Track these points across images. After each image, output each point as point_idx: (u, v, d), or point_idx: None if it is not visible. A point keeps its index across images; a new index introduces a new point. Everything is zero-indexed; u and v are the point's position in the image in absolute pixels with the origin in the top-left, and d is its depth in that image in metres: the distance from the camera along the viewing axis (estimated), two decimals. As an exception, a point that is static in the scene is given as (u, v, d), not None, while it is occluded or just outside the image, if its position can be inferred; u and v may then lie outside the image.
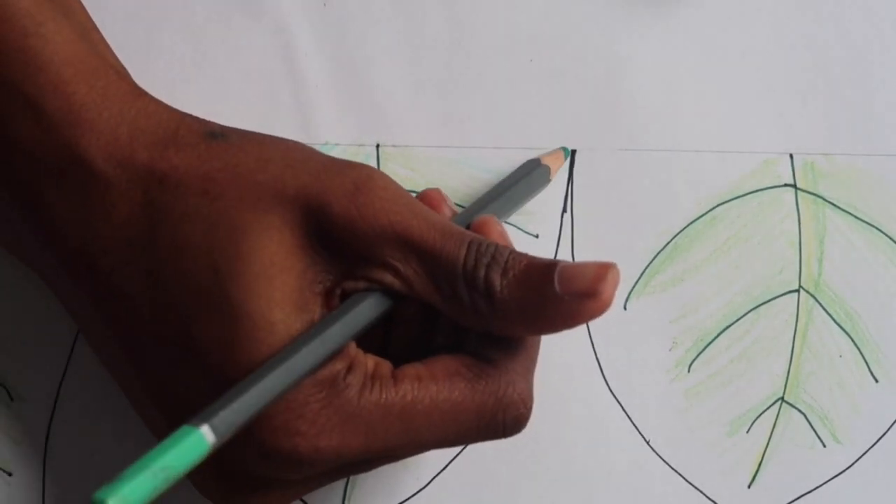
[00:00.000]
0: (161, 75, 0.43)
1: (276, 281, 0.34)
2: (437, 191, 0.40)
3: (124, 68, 0.39)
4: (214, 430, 0.30)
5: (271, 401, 0.32)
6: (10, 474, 0.43)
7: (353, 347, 0.35)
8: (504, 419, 0.36)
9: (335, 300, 0.35)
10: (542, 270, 0.34)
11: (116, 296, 0.36)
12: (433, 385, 0.35)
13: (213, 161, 0.36)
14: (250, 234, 0.34)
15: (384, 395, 0.34)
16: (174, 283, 0.35)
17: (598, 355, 0.44)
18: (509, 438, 0.43)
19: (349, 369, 0.34)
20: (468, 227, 0.38)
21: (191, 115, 0.37)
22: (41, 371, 0.42)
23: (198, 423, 0.30)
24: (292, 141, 0.38)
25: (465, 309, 0.35)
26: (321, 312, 0.34)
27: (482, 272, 0.34)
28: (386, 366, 0.35)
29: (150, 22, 0.43)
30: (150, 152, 0.36)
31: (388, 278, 0.35)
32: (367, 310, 0.35)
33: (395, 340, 0.38)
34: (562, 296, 0.34)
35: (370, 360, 0.35)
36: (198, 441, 0.30)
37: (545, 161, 0.43)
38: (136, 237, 0.35)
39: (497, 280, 0.34)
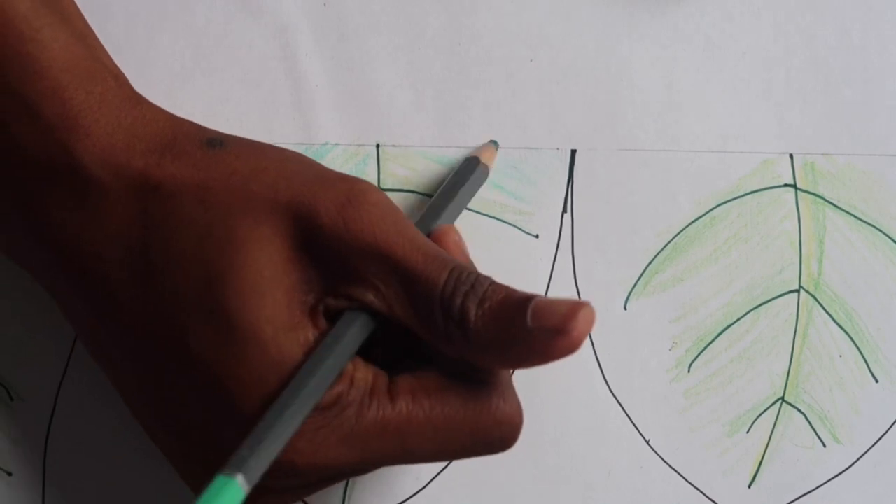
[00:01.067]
0: (161, 75, 0.43)
1: (267, 296, 0.34)
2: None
3: (122, 74, 0.39)
4: (248, 478, 0.31)
5: (290, 438, 0.33)
6: (10, 474, 0.43)
7: (350, 365, 0.35)
8: (500, 435, 0.36)
9: (319, 317, 0.35)
10: (518, 304, 0.34)
11: (111, 303, 0.36)
12: (426, 400, 0.35)
13: (209, 169, 0.35)
14: (241, 247, 0.34)
15: (381, 413, 0.34)
16: (169, 293, 0.35)
17: (598, 355, 0.44)
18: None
19: (348, 389, 0.34)
20: (428, 237, 0.38)
21: (189, 122, 0.37)
22: (41, 371, 0.42)
23: (232, 473, 0.31)
24: (291, 151, 0.38)
25: (439, 335, 0.35)
26: (309, 329, 0.34)
27: (459, 300, 0.34)
28: (382, 379, 0.35)
29: (150, 22, 0.43)
30: (146, 159, 0.36)
31: (369, 297, 0.35)
32: (360, 331, 0.35)
33: (385, 344, 0.37)
34: (533, 330, 0.33)
35: (368, 375, 0.35)
36: (235, 491, 0.31)
37: (482, 158, 0.42)
38: (130, 245, 0.35)
39: (473, 309, 0.34)
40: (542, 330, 0.33)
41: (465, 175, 0.42)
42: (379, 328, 0.35)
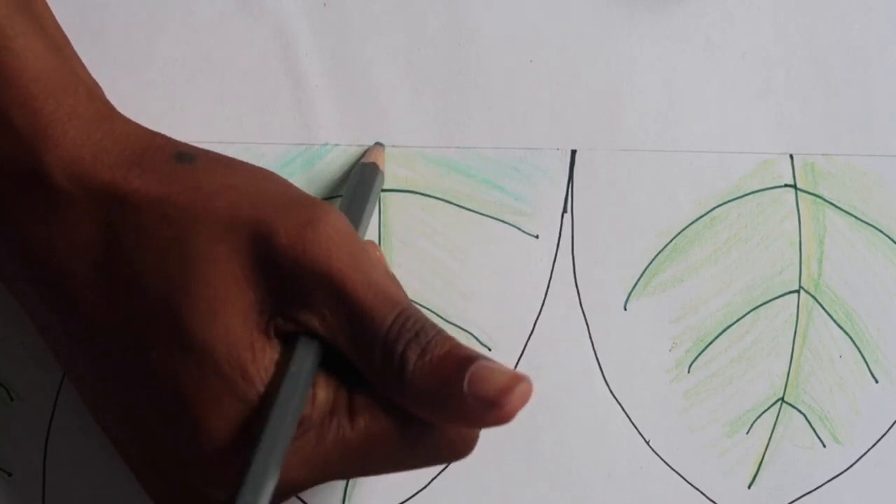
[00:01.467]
0: (161, 75, 0.43)
1: (221, 314, 0.34)
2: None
3: (97, 86, 0.39)
4: None
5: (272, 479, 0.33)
6: (9, 474, 0.42)
7: (311, 389, 0.35)
8: (457, 447, 0.36)
9: (272, 336, 0.35)
10: (458, 364, 0.33)
11: (76, 316, 0.35)
12: (385, 417, 0.35)
13: (175, 184, 0.35)
14: (199, 264, 0.34)
15: (341, 432, 0.34)
16: (130, 308, 0.35)
17: (598, 355, 0.44)
18: (509, 438, 0.43)
19: (311, 412, 0.34)
20: None
21: (162, 136, 0.37)
22: (41, 371, 0.42)
23: None
24: (262, 169, 0.37)
25: (376, 374, 0.34)
26: (264, 347, 0.34)
27: (400, 346, 0.34)
28: (342, 397, 0.35)
29: (151, 22, 0.43)
30: (113, 173, 0.35)
31: (315, 323, 0.34)
32: (317, 356, 0.35)
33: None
34: (468, 396, 0.33)
35: (329, 393, 0.35)
36: None
37: (377, 162, 0.42)
38: (96, 258, 0.35)
39: (412, 359, 0.34)
40: (476, 398, 0.33)
41: (369, 183, 0.41)
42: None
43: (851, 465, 0.45)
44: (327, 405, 0.35)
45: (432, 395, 0.33)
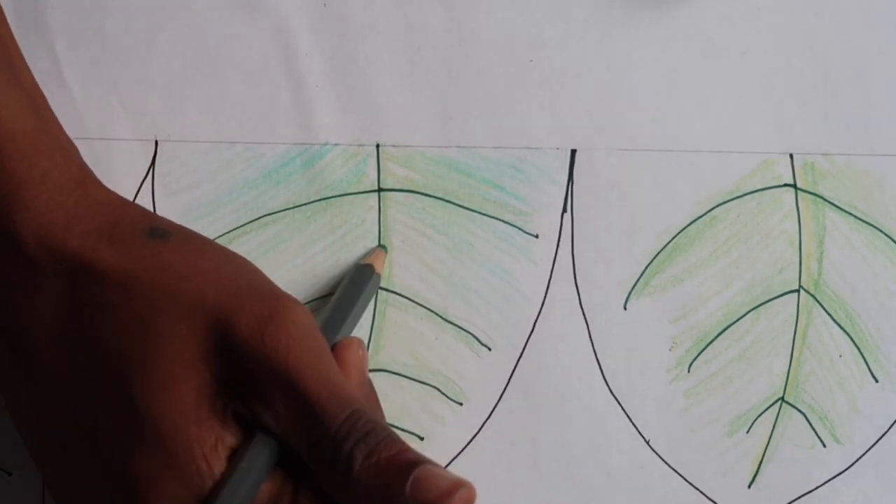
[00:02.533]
0: (161, 75, 0.43)
1: (173, 392, 0.34)
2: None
3: (73, 148, 0.38)
4: None
5: None
6: (9, 474, 0.42)
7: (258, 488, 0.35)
8: None
9: (228, 419, 0.34)
10: (403, 467, 0.33)
11: (33, 381, 0.35)
12: None
13: (144, 260, 0.35)
14: (156, 342, 0.34)
15: None
16: (87, 378, 0.34)
17: (598, 355, 0.44)
18: (509, 438, 0.43)
19: None
20: (332, 348, 0.37)
21: (136, 207, 0.37)
22: (41, 371, 0.42)
23: None
24: (234, 255, 0.37)
25: (324, 472, 0.34)
26: (215, 428, 0.34)
27: (349, 446, 0.34)
28: (287, 494, 0.35)
29: (150, 22, 0.43)
30: (83, 241, 0.35)
31: (267, 417, 0.34)
32: (273, 455, 0.35)
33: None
34: (409, 499, 0.33)
35: (274, 488, 0.35)
36: None
37: (375, 264, 0.42)
38: (57, 325, 0.35)
39: (359, 459, 0.34)
40: (417, 502, 0.33)
41: (362, 284, 0.41)
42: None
43: (851, 465, 0.45)
44: (271, 500, 0.35)
45: (376, 495, 0.33)
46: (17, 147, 0.35)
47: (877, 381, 0.45)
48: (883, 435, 0.45)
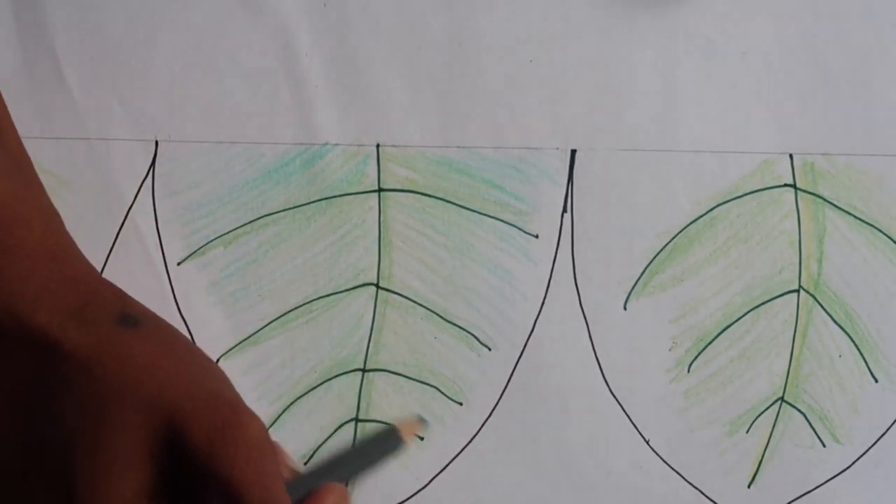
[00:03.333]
0: (161, 75, 0.43)
1: (113, 480, 0.33)
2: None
3: (56, 216, 0.38)
4: None
5: None
6: (10, 474, 0.42)
7: None
8: None
9: None
10: None
11: None
12: None
13: (111, 346, 0.35)
14: (109, 427, 0.34)
15: None
16: (34, 449, 0.34)
17: (598, 355, 0.44)
18: (509, 438, 0.43)
19: None
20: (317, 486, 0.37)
21: (110, 288, 0.37)
22: (41, 371, 0.42)
23: None
24: (204, 356, 0.37)
25: None
26: None
27: None
28: None
29: (150, 22, 0.43)
30: (51, 318, 0.35)
31: None
32: None
33: None
34: None
35: None
36: None
37: (405, 436, 0.41)
38: (15, 397, 0.35)
39: None
40: None
41: (384, 445, 0.40)
42: None
43: (851, 465, 0.45)
44: None
45: None
46: None
47: (876, 381, 0.45)
48: (882, 435, 0.45)
